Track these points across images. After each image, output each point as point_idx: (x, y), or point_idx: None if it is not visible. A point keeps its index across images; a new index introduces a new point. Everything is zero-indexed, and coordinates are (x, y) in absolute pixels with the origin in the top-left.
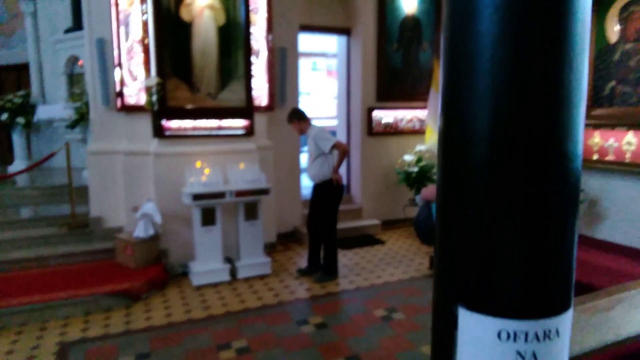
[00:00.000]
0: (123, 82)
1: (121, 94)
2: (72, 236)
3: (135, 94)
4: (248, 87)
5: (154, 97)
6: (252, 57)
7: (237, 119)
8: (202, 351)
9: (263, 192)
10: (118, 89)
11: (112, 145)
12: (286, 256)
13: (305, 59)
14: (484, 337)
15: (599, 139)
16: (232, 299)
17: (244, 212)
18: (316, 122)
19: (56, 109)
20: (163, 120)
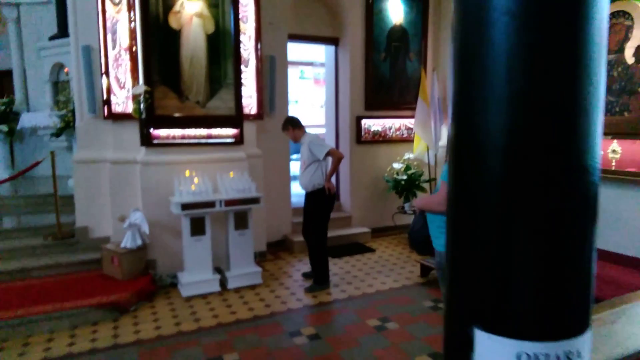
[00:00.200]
0: (110, 90)
1: (108, 102)
2: (57, 247)
3: (122, 102)
4: (238, 96)
5: (142, 105)
6: (242, 66)
7: (227, 128)
8: None
9: (253, 201)
10: (105, 97)
11: (99, 153)
12: (276, 265)
13: (293, 67)
14: None
15: None
16: (222, 310)
17: (234, 222)
18: (308, 130)
19: (41, 116)
20: (151, 128)
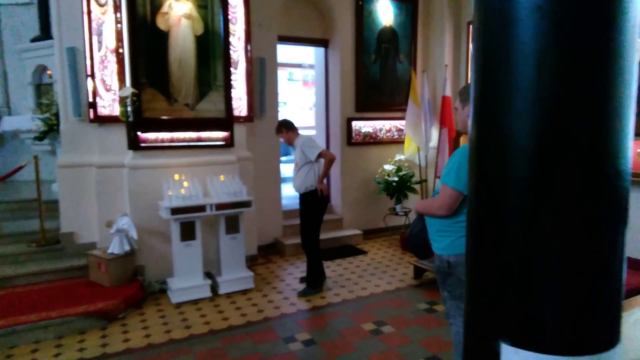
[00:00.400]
0: (96, 93)
1: (94, 104)
2: (41, 253)
3: (109, 105)
4: (227, 98)
5: (129, 108)
6: (231, 68)
7: (217, 130)
8: None
9: (245, 204)
10: (91, 100)
11: (84, 157)
12: (268, 269)
13: (282, 69)
14: None
15: None
16: (214, 317)
17: (225, 226)
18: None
19: (23, 120)
20: (139, 131)
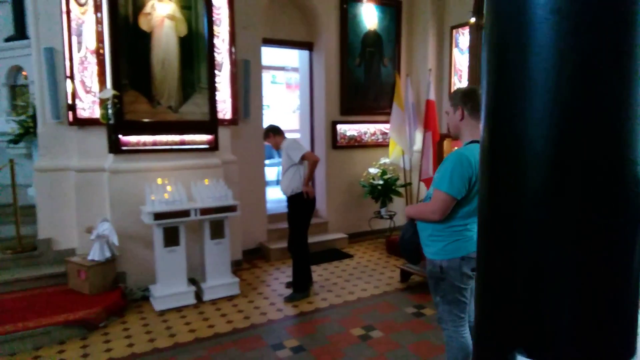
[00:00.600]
0: (75, 95)
1: (73, 107)
2: (18, 261)
3: (89, 107)
4: (212, 100)
5: (110, 111)
6: (215, 70)
7: (201, 133)
8: None
9: (230, 209)
10: (70, 102)
11: (63, 161)
12: (253, 274)
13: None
14: None
15: None
16: (199, 324)
17: (209, 231)
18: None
19: None
20: (120, 134)
